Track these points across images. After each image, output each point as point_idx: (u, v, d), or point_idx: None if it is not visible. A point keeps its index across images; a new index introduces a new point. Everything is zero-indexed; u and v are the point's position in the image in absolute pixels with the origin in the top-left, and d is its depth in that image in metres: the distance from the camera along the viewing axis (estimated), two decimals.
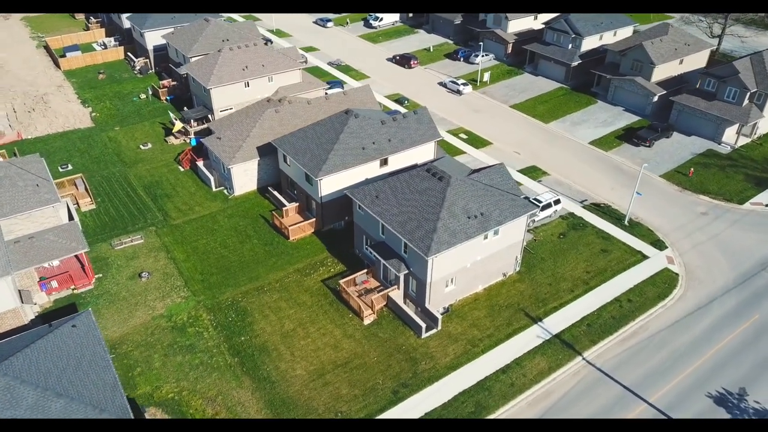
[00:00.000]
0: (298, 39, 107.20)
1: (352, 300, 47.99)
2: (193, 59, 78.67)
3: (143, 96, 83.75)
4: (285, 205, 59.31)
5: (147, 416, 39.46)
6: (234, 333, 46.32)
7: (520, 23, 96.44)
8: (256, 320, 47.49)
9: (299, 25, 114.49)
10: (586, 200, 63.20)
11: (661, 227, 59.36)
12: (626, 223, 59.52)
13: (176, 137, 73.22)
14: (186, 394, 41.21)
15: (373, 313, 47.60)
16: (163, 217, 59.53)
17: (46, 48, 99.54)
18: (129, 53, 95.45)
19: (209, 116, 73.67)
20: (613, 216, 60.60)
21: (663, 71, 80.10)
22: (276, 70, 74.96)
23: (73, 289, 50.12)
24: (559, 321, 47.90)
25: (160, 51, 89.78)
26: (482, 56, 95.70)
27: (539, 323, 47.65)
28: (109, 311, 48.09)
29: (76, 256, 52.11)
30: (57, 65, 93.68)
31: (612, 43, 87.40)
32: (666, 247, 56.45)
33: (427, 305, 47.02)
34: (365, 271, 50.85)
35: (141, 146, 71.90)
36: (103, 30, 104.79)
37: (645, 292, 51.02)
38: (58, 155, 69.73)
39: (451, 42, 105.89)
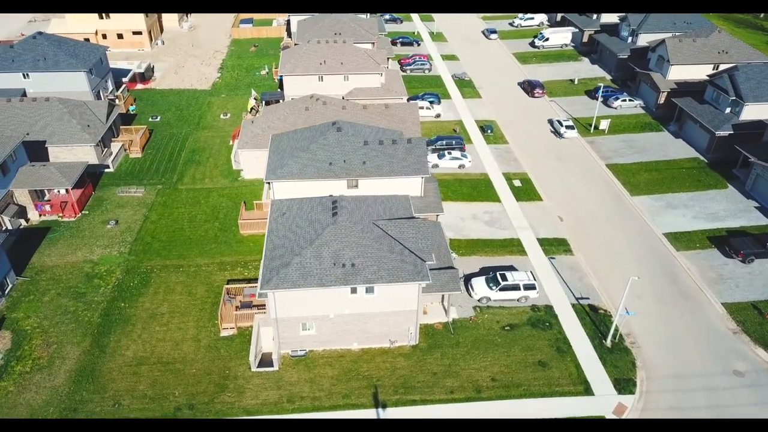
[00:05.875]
0: (450, 44, 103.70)
1: (222, 307, 46.92)
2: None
3: (263, 72, 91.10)
4: (267, 199, 59.75)
5: None
6: (121, 297, 49.25)
7: (684, 70, 77.96)
8: (147, 293, 49.63)
9: (463, 32, 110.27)
10: (587, 299, 50.00)
11: (655, 366, 44.09)
12: (608, 342, 45.63)
13: (253, 114, 78.45)
14: (37, 332, 45.64)
15: (234, 328, 45.85)
16: (177, 180, 65.09)
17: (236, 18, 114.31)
18: (287, 32, 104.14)
19: (281, 101, 77.06)
20: (601, 328, 46.94)
21: None
22: (353, 70, 74.42)
23: (60, 217, 58.70)
24: (400, 417, 39.76)
25: None
26: (623, 100, 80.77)
27: (378, 409, 40.26)
28: (65, 243, 55.21)
29: (83, 190, 60.69)
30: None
31: None
32: (632, 393, 41.89)
33: (273, 340, 43.48)
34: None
35: (222, 115, 78.95)
36: None
37: None
38: (158, 107, 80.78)
39: (609, 78, 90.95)
